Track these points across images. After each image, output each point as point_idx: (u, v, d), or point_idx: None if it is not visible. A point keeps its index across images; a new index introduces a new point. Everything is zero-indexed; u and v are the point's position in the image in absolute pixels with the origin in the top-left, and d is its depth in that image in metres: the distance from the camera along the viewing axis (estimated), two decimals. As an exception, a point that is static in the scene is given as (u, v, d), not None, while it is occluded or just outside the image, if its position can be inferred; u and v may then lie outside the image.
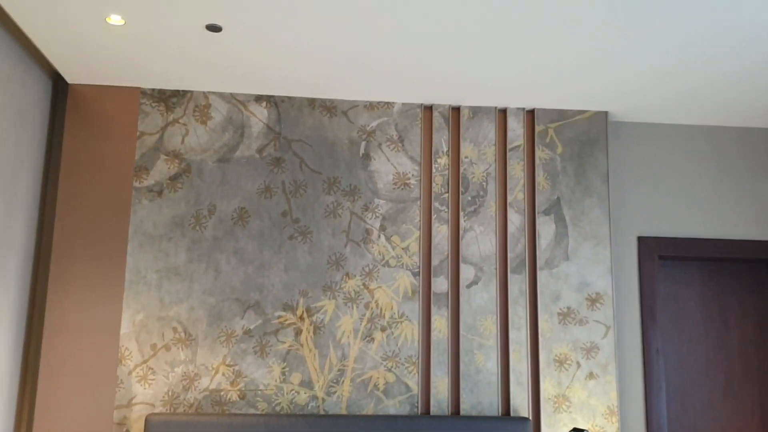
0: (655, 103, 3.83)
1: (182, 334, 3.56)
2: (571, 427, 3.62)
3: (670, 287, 4.10)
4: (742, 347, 4.07)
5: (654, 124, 4.13)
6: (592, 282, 3.78)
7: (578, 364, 3.70)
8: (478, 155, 3.86)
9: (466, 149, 3.86)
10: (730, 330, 4.09)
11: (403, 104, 3.86)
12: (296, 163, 3.77)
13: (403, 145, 3.84)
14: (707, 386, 4.00)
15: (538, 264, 3.78)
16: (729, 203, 4.09)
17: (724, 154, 4.14)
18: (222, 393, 3.53)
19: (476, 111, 3.89)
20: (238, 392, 3.54)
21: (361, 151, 3.81)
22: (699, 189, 4.09)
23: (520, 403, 3.65)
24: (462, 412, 3.61)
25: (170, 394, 3.51)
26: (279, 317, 3.63)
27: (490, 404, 3.63)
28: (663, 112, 3.97)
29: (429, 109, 3.90)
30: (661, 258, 4.06)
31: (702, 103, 3.81)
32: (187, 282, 3.60)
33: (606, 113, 3.95)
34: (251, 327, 3.60)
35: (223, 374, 3.55)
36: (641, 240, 3.99)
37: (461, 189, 3.82)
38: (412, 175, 3.82)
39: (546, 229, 3.82)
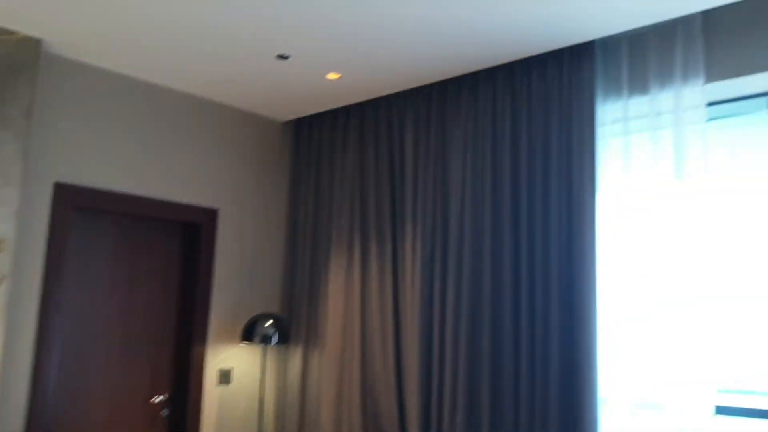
0: (96, 45, 3.57)
1: None
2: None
3: (83, 241, 3.88)
4: (146, 307, 4.12)
5: (93, 67, 3.86)
6: (-9, 226, 3.30)
7: (-42, 318, 3.18)
8: None
9: None
10: (137, 289, 4.09)
11: None
12: None
13: None
14: (105, 345, 3.92)
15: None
16: (155, 163, 4.10)
17: (157, 114, 4.14)
18: None
19: None
20: None
21: None
22: (127, 143, 3.99)
23: None
24: None
25: None
26: None
27: None
28: (103, 56, 3.74)
29: None
30: (78, 209, 3.82)
31: (144, 56, 3.71)
32: None
33: (40, 41, 3.51)
34: None
35: None
36: (58, 186, 3.67)
37: None
38: None
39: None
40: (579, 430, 3.08)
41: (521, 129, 3.50)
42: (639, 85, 3.20)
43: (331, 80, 3.95)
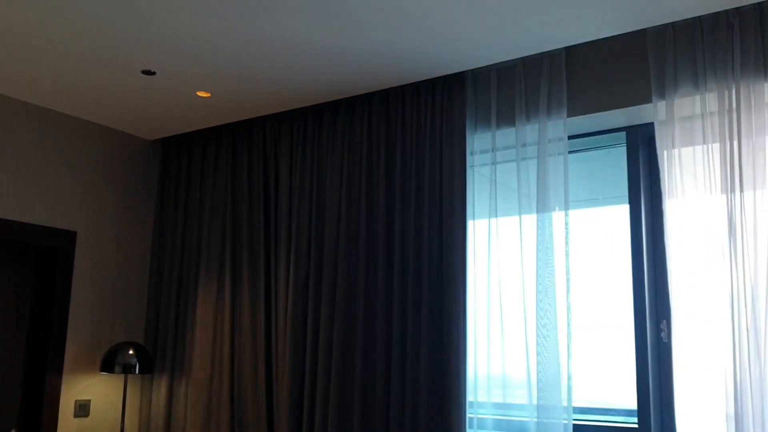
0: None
1: None
2: None
3: None
4: (-9, 336, 3.79)
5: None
6: None
7: None
8: None
9: None
10: (-19, 317, 3.76)
11: None
12: None
13: None
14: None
15: None
16: (5, 180, 3.80)
17: (8, 128, 3.84)
18: None
19: None
20: None
21: None
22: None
23: None
24: None
25: None
26: None
27: None
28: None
29: None
30: None
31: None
32: None
33: None
34: None
35: None
36: None
37: None
38: None
39: None
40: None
41: (395, 156, 3.51)
42: (507, 116, 3.28)
43: (201, 98, 3.81)
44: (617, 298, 3.13)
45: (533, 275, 3.08)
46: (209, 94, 3.76)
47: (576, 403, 3.07)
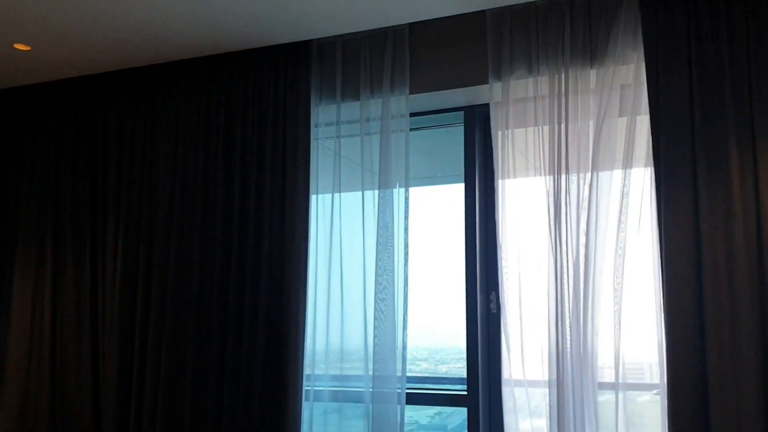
0: None
1: None
2: None
3: None
4: None
5: None
6: None
7: None
8: None
9: None
10: None
11: None
12: None
13: None
14: None
15: None
16: None
17: None
18: None
19: None
20: None
21: None
22: None
23: None
24: None
25: None
26: None
27: None
28: None
29: None
30: None
31: None
32: None
33: None
34: None
35: None
36: None
37: None
38: None
39: None
40: (281, 425, 3.05)
41: (236, 124, 3.38)
42: (352, 89, 3.26)
43: (19, 51, 3.46)
44: (451, 272, 3.24)
45: (373, 250, 3.12)
46: (29, 48, 3.42)
47: (410, 373, 3.16)
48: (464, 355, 3.11)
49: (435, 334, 3.47)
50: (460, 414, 3.98)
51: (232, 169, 3.38)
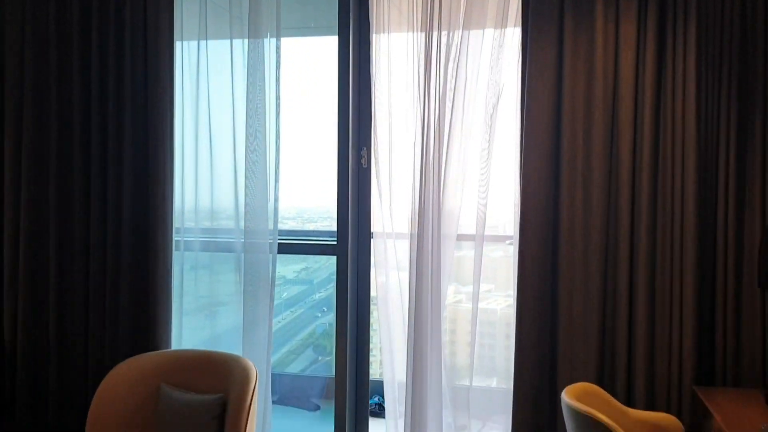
0: None
1: None
2: None
3: None
4: None
5: None
6: None
7: None
8: None
9: None
10: None
11: None
12: None
13: None
14: None
15: None
16: None
17: None
18: None
19: None
20: None
21: None
22: None
23: None
24: None
25: None
26: None
27: None
28: None
29: None
30: None
31: None
32: None
33: None
34: None
35: None
36: None
37: None
38: None
39: None
40: (151, 273, 3.04)
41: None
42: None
43: None
44: (323, 127, 3.23)
45: (243, 101, 3.03)
46: None
47: (283, 227, 3.20)
48: (331, 214, 3.17)
49: (303, 195, 3.50)
50: (324, 269, 4.12)
51: (87, 13, 3.10)
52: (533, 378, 2.74)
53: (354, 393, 3.23)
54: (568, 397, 2.24)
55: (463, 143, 2.87)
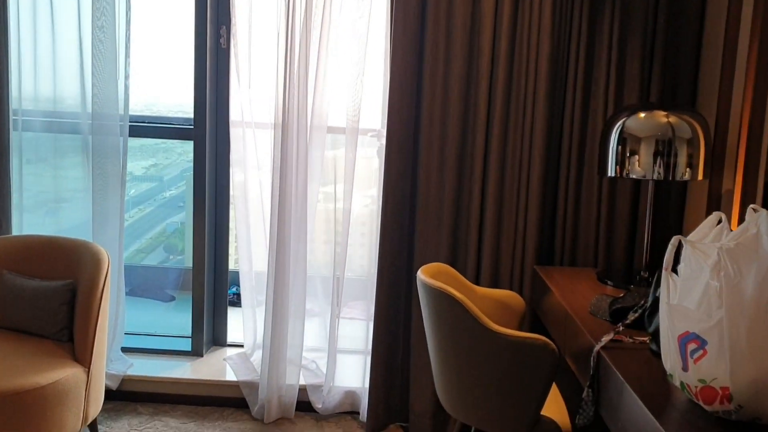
0: None
1: None
2: None
3: None
4: None
5: None
6: None
7: None
8: None
9: None
10: None
11: None
12: None
13: None
14: None
15: None
16: None
17: None
18: None
19: None
20: None
21: None
22: None
23: None
24: None
25: None
26: None
27: None
28: None
29: None
30: None
31: None
32: None
33: None
34: None
35: None
36: None
37: None
38: None
39: None
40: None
41: None
42: None
43: None
44: (179, 4, 3.05)
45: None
46: None
47: (138, 113, 3.03)
48: (186, 109, 3.02)
49: (158, 89, 3.32)
50: (176, 165, 3.98)
51: None
52: (394, 259, 2.81)
53: (213, 283, 3.21)
54: (423, 275, 2.33)
55: (330, 31, 2.77)
